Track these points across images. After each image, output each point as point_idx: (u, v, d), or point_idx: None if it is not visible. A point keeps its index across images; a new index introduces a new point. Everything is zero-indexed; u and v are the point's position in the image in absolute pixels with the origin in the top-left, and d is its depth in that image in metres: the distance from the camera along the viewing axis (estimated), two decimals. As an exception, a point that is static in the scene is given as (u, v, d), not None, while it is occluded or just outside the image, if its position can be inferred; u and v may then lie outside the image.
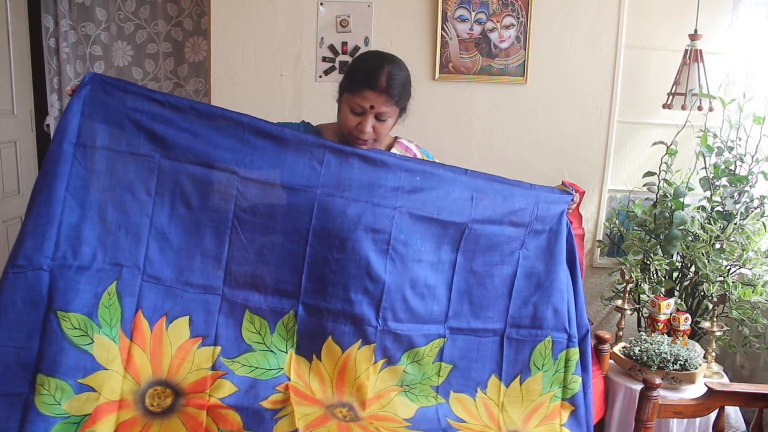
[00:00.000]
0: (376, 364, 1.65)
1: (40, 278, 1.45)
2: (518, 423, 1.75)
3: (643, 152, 3.08)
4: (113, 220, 1.53)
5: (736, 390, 1.86)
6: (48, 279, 1.46)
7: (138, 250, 1.54)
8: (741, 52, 2.93)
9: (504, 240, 1.76)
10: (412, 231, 1.68)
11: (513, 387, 1.77)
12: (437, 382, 1.73)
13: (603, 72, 3.03)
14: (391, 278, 1.66)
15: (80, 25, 3.49)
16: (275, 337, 1.62)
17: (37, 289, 1.45)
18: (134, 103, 1.54)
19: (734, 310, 2.54)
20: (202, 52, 3.45)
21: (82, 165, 1.51)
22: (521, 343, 1.78)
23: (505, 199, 1.76)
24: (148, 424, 1.50)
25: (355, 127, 1.69)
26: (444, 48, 3.03)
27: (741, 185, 2.62)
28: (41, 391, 1.41)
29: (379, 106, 1.67)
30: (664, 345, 2.33)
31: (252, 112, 3.31)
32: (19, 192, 3.37)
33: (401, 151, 1.87)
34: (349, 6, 3.04)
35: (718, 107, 2.71)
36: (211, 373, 1.56)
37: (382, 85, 1.66)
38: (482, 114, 3.11)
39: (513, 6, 2.99)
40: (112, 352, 1.50)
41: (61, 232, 1.48)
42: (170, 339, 1.56)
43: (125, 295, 1.53)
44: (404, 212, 1.67)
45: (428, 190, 1.71)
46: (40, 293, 1.45)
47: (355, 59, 1.79)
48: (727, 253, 2.58)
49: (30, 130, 3.45)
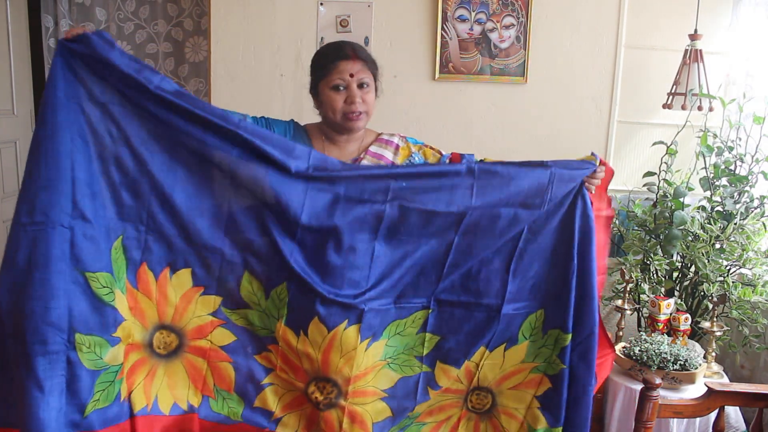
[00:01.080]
0: (363, 342, 1.66)
1: (63, 236, 1.45)
2: (492, 382, 1.77)
3: (643, 152, 3.08)
4: (116, 177, 1.54)
5: (736, 390, 1.86)
6: (69, 236, 1.46)
7: (140, 205, 1.56)
8: (741, 52, 2.93)
9: (509, 222, 1.70)
10: (404, 220, 1.66)
11: (496, 352, 1.76)
12: (422, 352, 1.74)
13: (603, 72, 3.03)
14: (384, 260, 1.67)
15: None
16: (269, 303, 1.64)
17: (60, 247, 1.45)
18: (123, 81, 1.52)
19: (734, 310, 2.54)
20: (203, 52, 3.45)
21: (84, 119, 1.50)
22: (514, 317, 1.76)
23: (511, 181, 1.67)
24: (155, 366, 1.62)
25: (344, 103, 1.73)
26: (444, 48, 3.03)
27: (741, 185, 2.62)
28: (82, 350, 1.47)
29: (357, 72, 1.73)
30: (664, 345, 2.33)
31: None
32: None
33: (381, 147, 1.84)
34: (349, 6, 3.04)
35: (718, 107, 2.71)
36: (211, 319, 1.63)
37: (351, 53, 1.74)
38: (482, 114, 3.11)
39: (513, 6, 2.99)
40: (123, 302, 1.56)
41: (76, 188, 1.48)
42: (174, 288, 1.61)
43: (131, 249, 1.57)
44: (395, 206, 1.64)
45: (422, 192, 1.68)
46: (63, 251, 1.45)
47: (313, 56, 1.85)
48: (727, 253, 2.58)
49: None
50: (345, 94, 1.73)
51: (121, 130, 1.53)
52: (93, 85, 1.51)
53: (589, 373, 1.76)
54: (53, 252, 1.44)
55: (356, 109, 1.73)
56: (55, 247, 1.44)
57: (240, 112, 1.70)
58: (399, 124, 1.88)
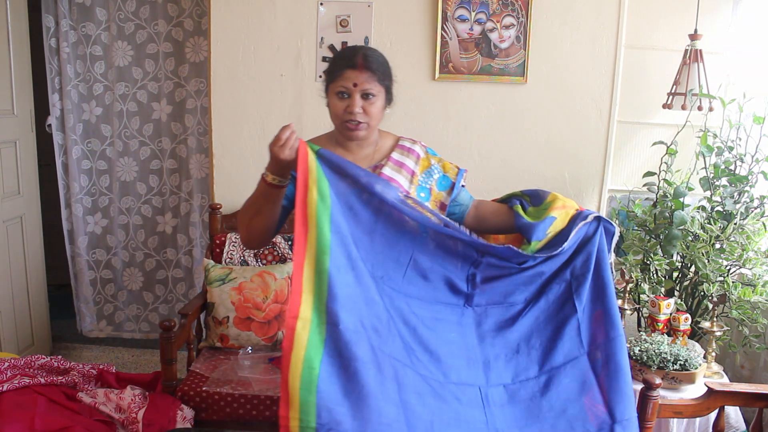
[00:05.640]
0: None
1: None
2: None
3: (643, 152, 3.08)
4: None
5: (736, 390, 1.86)
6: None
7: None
8: (741, 52, 2.93)
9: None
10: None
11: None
12: None
13: (603, 72, 3.03)
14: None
15: (80, 25, 3.48)
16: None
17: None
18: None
19: (734, 310, 2.54)
20: (203, 52, 3.45)
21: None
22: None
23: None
24: None
25: (344, 111, 1.71)
26: (444, 48, 3.03)
27: (741, 185, 2.62)
28: None
29: (362, 83, 1.70)
30: (664, 345, 2.33)
31: (252, 112, 3.33)
32: (19, 192, 3.37)
33: (403, 155, 1.83)
34: (349, 6, 3.04)
35: (718, 107, 2.71)
36: None
37: (360, 62, 1.70)
38: (482, 114, 3.11)
39: (513, 6, 2.99)
40: None
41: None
42: None
43: None
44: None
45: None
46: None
47: (330, 58, 1.84)
48: (727, 253, 2.58)
49: (30, 130, 3.44)
50: (347, 102, 1.71)
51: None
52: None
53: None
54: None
55: (355, 119, 1.71)
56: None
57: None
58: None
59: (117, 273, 3.77)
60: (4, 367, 2.42)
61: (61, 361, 2.60)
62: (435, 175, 1.83)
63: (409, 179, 1.80)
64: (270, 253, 3.02)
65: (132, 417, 2.28)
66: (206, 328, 2.86)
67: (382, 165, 1.80)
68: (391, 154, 1.82)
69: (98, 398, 2.36)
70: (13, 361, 2.51)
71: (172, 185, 3.67)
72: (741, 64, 2.92)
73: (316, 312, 1.42)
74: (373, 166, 1.80)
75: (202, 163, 3.60)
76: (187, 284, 3.78)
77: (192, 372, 2.62)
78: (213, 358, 2.75)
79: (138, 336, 3.84)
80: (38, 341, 3.51)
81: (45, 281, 3.61)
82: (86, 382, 2.50)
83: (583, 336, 1.67)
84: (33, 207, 3.51)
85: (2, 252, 3.23)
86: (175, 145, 3.62)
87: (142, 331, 3.85)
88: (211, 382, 2.52)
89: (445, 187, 1.83)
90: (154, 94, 3.57)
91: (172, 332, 2.43)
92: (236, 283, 2.81)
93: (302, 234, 1.47)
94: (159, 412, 2.31)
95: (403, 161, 1.82)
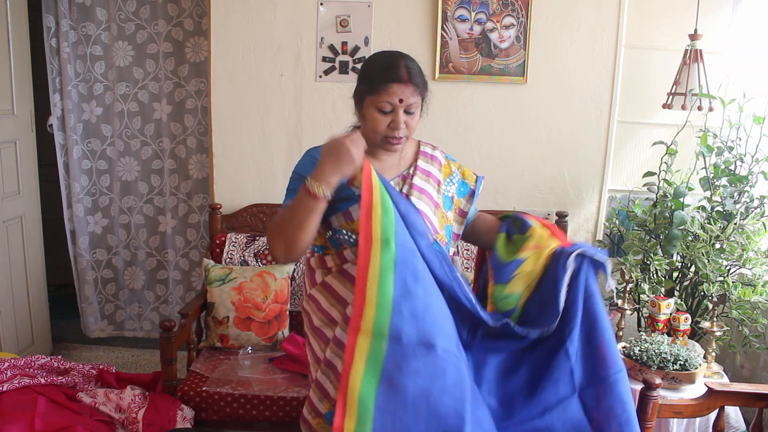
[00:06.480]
0: None
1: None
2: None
3: (643, 152, 3.08)
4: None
5: (736, 390, 1.86)
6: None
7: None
8: (741, 52, 2.93)
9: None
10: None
11: None
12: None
13: (603, 72, 3.04)
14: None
15: (80, 25, 3.48)
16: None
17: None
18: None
19: (734, 310, 2.54)
20: (203, 52, 3.45)
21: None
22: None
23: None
24: None
25: (387, 127, 1.65)
26: (444, 48, 3.03)
27: (741, 185, 2.62)
28: None
29: (408, 97, 1.64)
30: (664, 345, 2.33)
31: (252, 112, 3.33)
32: (19, 192, 3.37)
33: (428, 163, 1.81)
34: (349, 6, 3.04)
35: (718, 107, 2.71)
36: None
37: (405, 76, 1.63)
38: (482, 114, 3.11)
39: (513, 6, 2.99)
40: None
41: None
42: None
43: None
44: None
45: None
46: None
47: (365, 63, 1.75)
48: (727, 253, 2.58)
49: (30, 130, 3.44)
50: (390, 118, 1.65)
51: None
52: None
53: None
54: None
55: (398, 135, 1.66)
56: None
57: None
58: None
59: (118, 272, 3.78)
60: (4, 367, 2.42)
61: (61, 361, 2.61)
62: (455, 182, 1.83)
63: (437, 188, 1.79)
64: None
65: (132, 417, 2.28)
66: (206, 328, 2.86)
67: (411, 175, 1.77)
68: (417, 163, 1.79)
69: (98, 398, 2.36)
70: (13, 361, 2.51)
71: (172, 185, 3.68)
72: (741, 64, 2.93)
73: (377, 325, 1.43)
74: (402, 176, 1.77)
75: (202, 163, 3.60)
76: (185, 286, 3.78)
77: (192, 372, 2.62)
78: (213, 358, 2.75)
79: (140, 334, 3.85)
80: (38, 341, 3.51)
81: (45, 281, 3.61)
82: (86, 382, 2.50)
83: (575, 378, 1.60)
84: (33, 207, 3.51)
85: (2, 252, 3.23)
86: (175, 145, 3.62)
87: (143, 329, 3.85)
88: (211, 382, 2.52)
89: (464, 194, 1.84)
90: (155, 94, 3.57)
91: (172, 332, 2.43)
92: (236, 283, 2.81)
93: (366, 249, 1.47)
94: (159, 412, 2.31)
95: (429, 170, 1.80)
